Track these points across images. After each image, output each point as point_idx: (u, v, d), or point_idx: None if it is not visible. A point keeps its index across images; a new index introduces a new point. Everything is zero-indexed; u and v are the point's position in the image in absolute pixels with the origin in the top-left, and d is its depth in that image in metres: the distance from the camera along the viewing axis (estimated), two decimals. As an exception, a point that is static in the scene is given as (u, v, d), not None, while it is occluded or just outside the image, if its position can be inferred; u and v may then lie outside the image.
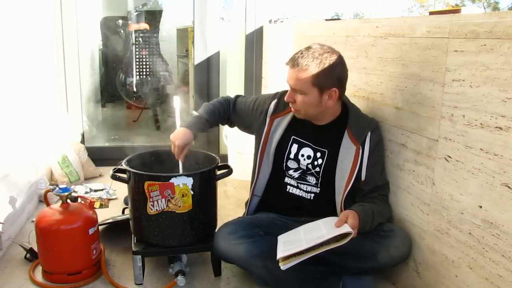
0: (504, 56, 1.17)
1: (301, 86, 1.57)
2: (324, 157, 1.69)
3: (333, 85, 1.57)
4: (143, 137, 3.99)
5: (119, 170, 1.69)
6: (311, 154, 1.70)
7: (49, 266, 1.67)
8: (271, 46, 2.97)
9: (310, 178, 1.71)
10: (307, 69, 1.54)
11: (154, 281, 1.71)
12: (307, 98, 1.58)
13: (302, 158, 1.70)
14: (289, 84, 1.62)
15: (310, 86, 1.56)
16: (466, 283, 1.35)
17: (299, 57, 1.57)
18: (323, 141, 1.69)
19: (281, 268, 1.40)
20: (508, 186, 1.18)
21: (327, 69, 1.55)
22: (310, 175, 1.71)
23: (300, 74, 1.55)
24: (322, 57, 1.55)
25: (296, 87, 1.58)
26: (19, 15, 2.24)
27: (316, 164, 1.69)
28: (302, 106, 1.61)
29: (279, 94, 1.78)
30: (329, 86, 1.56)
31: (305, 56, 1.56)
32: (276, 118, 1.74)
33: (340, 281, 1.57)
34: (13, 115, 2.08)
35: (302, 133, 1.71)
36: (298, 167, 1.72)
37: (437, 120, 1.43)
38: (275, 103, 1.76)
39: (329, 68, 1.55)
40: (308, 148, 1.70)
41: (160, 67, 4.40)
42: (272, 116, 1.75)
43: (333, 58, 1.55)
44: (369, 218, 1.52)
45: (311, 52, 1.56)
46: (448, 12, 1.62)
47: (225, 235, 1.62)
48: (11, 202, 1.98)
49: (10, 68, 2.08)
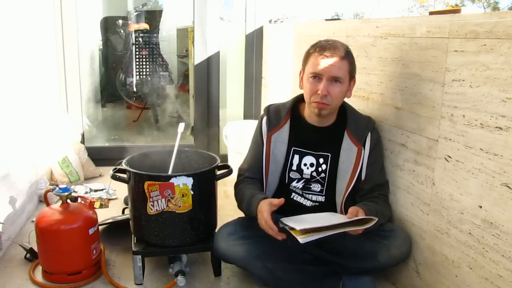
0: (504, 56, 1.17)
1: (342, 73, 1.53)
2: (327, 162, 1.66)
3: (355, 74, 1.59)
4: (143, 137, 3.99)
5: (119, 170, 1.69)
6: (313, 162, 1.67)
7: (49, 266, 1.67)
8: (271, 46, 2.97)
9: (315, 185, 1.69)
10: (342, 54, 1.52)
11: (154, 281, 1.71)
12: (343, 87, 1.55)
13: (305, 167, 1.67)
14: (325, 73, 1.52)
15: (347, 73, 1.55)
16: (466, 283, 1.35)
17: (331, 44, 1.53)
18: (324, 146, 1.66)
19: (300, 242, 1.33)
20: (508, 186, 1.18)
21: (353, 56, 1.57)
22: (315, 182, 1.69)
23: (340, 60, 1.51)
24: (344, 45, 1.56)
25: (338, 74, 1.53)
26: (19, 15, 2.24)
27: (321, 171, 1.67)
28: (336, 98, 1.56)
29: (266, 110, 1.73)
30: (354, 74, 1.58)
31: (334, 43, 1.54)
32: (273, 135, 1.68)
33: (340, 281, 1.57)
34: (13, 115, 2.08)
35: (302, 142, 1.68)
36: (301, 177, 1.69)
37: (437, 120, 1.43)
38: (266, 120, 1.70)
39: (352, 54, 1.57)
40: (310, 156, 1.67)
41: (160, 67, 4.40)
42: (268, 134, 1.69)
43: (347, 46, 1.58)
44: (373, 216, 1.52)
45: (334, 41, 1.55)
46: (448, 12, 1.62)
47: (225, 236, 1.61)
48: (11, 202, 1.98)
49: (10, 68, 2.08)
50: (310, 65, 1.57)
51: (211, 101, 3.15)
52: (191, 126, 3.54)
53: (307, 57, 1.61)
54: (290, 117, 1.69)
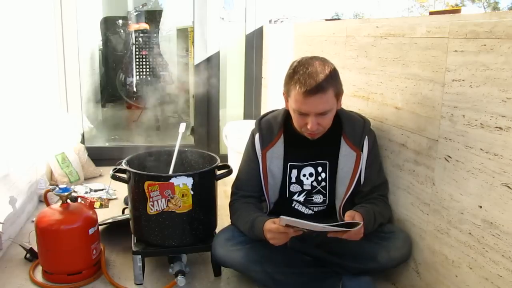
0: (504, 56, 1.17)
1: (329, 105, 1.48)
2: (326, 169, 1.65)
3: (342, 88, 1.54)
4: (143, 137, 3.99)
5: (119, 170, 1.69)
6: (312, 172, 1.66)
7: (49, 266, 1.67)
8: (271, 46, 2.97)
9: (317, 197, 1.68)
10: (326, 87, 1.45)
11: (154, 281, 1.71)
12: (332, 113, 1.52)
13: (305, 177, 1.66)
14: (313, 112, 1.48)
15: (334, 101, 1.50)
16: (466, 283, 1.35)
17: (311, 76, 1.45)
18: (321, 154, 1.64)
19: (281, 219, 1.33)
20: (508, 186, 1.18)
21: (336, 75, 1.51)
22: (316, 193, 1.67)
23: (325, 94, 1.45)
24: (325, 66, 1.48)
25: (325, 108, 1.48)
26: (19, 15, 2.24)
27: (321, 180, 1.66)
28: (327, 124, 1.54)
29: (258, 125, 1.69)
30: (341, 90, 1.53)
31: (314, 73, 1.45)
32: (267, 152, 1.64)
33: (340, 281, 1.56)
34: (13, 115, 2.08)
35: (298, 156, 1.65)
36: (302, 189, 1.67)
37: (437, 120, 1.43)
38: (259, 137, 1.66)
39: (335, 72, 1.50)
40: (308, 167, 1.66)
41: (160, 67, 4.40)
42: (263, 151, 1.65)
43: (328, 63, 1.51)
44: (371, 218, 1.52)
45: (314, 68, 1.46)
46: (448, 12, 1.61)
47: (223, 241, 1.60)
48: (11, 202, 1.98)
49: (10, 68, 2.08)
50: (294, 101, 1.49)
51: (211, 101, 3.15)
52: (191, 126, 3.54)
53: (289, 86, 1.52)
54: (283, 132, 1.65)
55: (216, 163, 1.73)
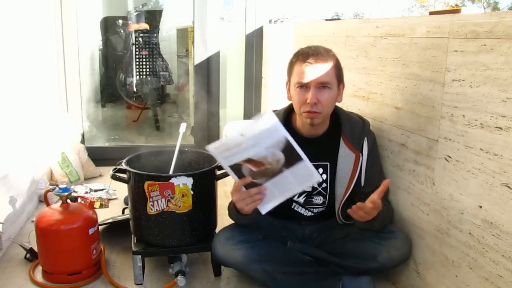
0: (504, 56, 1.17)
1: (329, 77, 1.49)
2: (327, 171, 1.65)
3: (343, 78, 1.57)
4: (143, 137, 3.99)
5: (119, 170, 1.69)
6: None
7: (49, 266, 1.67)
8: (271, 46, 2.97)
9: (317, 198, 1.67)
10: (327, 59, 1.48)
11: (154, 281, 1.71)
12: (333, 93, 1.51)
13: None
14: (312, 81, 1.48)
15: (334, 78, 1.51)
16: (466, 283, 1.35)
17: (313, 50, 1.49)
18: (321, 155, 1.63)
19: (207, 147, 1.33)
20: (508, 186, 1.18)
21: (338, 60, 1.54)
22: (317, 195, 1.67)
23: (325, 66, 1.47)
24: (330, 49, 1.53)
25: (325, 79, 1.48)
26: (19, 15, 2.24)
27: (322, 181, 1.65)
28: (326, 104, 1.52)
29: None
30: (342, 78, 1.56)
31: (317, 48, 1.50)
32: None
33: (340, 281, 1.56)
34: (13, 115, 2.08)
35: None
36: (302, 191, 1.67)
37: (437, 120, 1.43)
38: None
39: (337, 58, 1.54)
40: None
41: (160, 67, 4.40)
42: None
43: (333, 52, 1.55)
44: (381, 217, 1.52)
45: (317, 46, 1.52)
46: (448, 12, 1.62)
47: (223, 240, 1.60)
48: (11, 202, 1.98)
49: (10, 68, 2.08)
50: (295, 74, 1.52)
51: (211, 101, 3.15)
52: (191, 126, 3.54)
53: (291, 67, 1.55)
54: None
55: (216, 163, 1.73)
